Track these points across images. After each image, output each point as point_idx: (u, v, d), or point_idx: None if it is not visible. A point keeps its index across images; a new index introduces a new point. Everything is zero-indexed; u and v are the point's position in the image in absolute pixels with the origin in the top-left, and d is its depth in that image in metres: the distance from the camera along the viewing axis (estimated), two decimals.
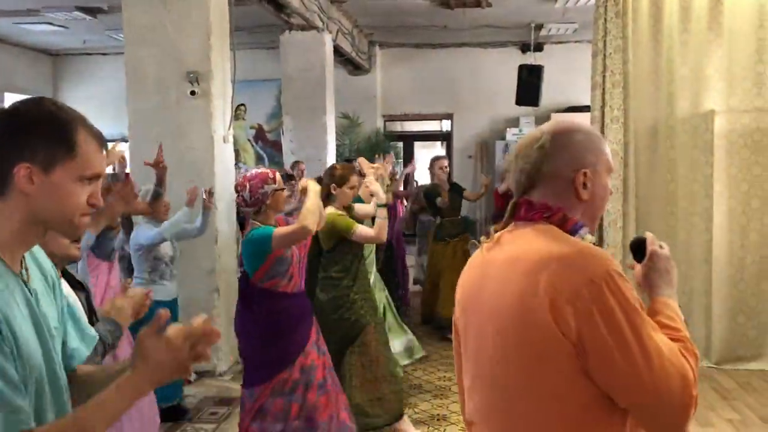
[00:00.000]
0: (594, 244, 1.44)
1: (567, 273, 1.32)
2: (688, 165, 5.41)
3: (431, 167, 7.04)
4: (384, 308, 5.14)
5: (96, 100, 10.79)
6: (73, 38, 10.60)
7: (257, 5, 6.95)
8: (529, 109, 10.68)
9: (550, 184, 1.48)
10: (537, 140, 1.49)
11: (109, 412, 1.25)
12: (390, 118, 12.64)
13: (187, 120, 5.23)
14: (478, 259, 1.56)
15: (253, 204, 3.33)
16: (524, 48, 11.45)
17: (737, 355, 5.41)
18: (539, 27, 10.32)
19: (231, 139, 5.55)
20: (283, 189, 3.41)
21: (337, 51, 9.25)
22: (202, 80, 5.18)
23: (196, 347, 1.27)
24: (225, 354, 5.26)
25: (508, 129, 11.72)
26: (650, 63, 5.37)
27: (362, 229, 4.00)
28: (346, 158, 9.71)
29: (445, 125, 13.30)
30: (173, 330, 1.27)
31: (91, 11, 8.73)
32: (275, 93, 10.56)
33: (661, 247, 1.57)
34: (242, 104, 11.42)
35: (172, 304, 4.40)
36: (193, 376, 5.13)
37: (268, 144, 11.70)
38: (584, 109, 5.73)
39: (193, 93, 5.16)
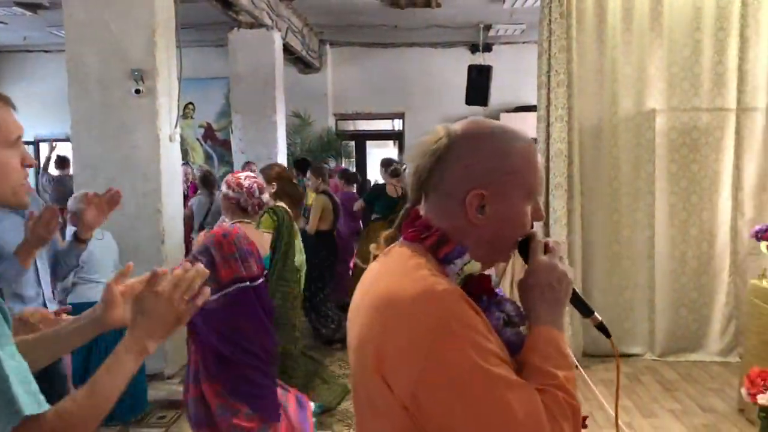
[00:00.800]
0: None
1: (400, 322, 1.08)
2: (631, 162, 5.55)
3: (386, 168, 7.11)
4: None
5: (38, 99, 10.47)
6: (12, 34, 10.26)
7: (205, 2, 6.85)
8: (479, 108, 10.79)
9: (438, 199, 1.20)
10: (433, 143, 1.20)
11: (120, 376, 1.26)
12: (342, 117, 12.61)
13: (131, 119, 5.12)
14: (366, 273, 1.28)
15: (244, 209, 3.38)
16: (474, 48, 11.57)
17: (679, 346, 5.58)
18: (488, 28, 10.45)
19: (178, 138, 5.45)
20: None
21: (287, 49, 9.18)
22: (147, 78, 5.07)
23: (185, 296, 1.30)
24: (173, 357, 5.17)
25: None
26: (594, 63, 5.48)
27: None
28: (297, 157, 9.67)
29: (397, 124, 13.35)
30: (164, 283, 1.29)
31: (32, 7, 8.47)
32: (224, 91, 10.43)
33: (548, 250, 1.24)
34: (190, 103, 11.25)
35: None
36: None
37: (217, 143, 11.55)
38: (532, 108, 5.82)
39: (137, 91, 5.05)
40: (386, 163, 7.37)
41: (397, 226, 1.27)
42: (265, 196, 3.43)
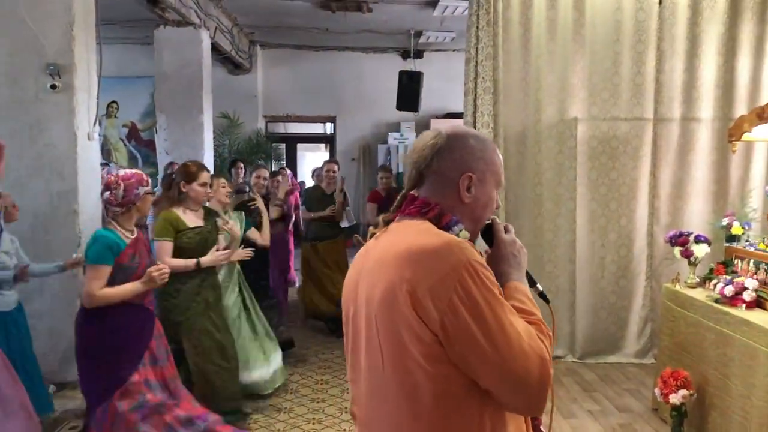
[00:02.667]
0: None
1: (429, 263, 1.36)
2: (553, 169, 5.68)
3: (320, 170, 7.06)
4: (244, 319, 4.95)
5: None
6: None
7: None
8: (410, 114, 10.88)
9: (436, 182, 1.53)
10: (433, 138, 1.55)
11: None
12: (272, 119, 12.47)
13: (46, 115, 4.89)
14: (362, 251, 1.60)
15: (124, 203, 3.26)
16: (405, 54, 11.65)
17: (598, 348, 5.74)
18: (419, 34, 10.54)
19: (96, 137, 5.25)
20: (153, 193, 3.37)
21: (216, 49, 9.01)
22: (64, 73, 4.86)
23: None
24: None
25: (389, 133, 11.88)
26: (519, 71, 5.59)
27: (162, 246, 3.97)
28: (234, 158, 9.49)
29: (329, 128, 13.30)
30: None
31: None
32: (150, 90, 10.13)
33: (506, 230, 1.63)
34: (114, 101, 10.89)
35: (14, 313, 4.13)
36: (51, 388, 4.81)
37: (141, 143, 11.21)
38: (462, 115, 5.90)
39: (53, 87, 4.84)
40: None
41: (396, 207, 1.59)
42: (142, 189, 3.30)
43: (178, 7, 7.20)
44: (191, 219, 4.12)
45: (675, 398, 3.86)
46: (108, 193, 3.27)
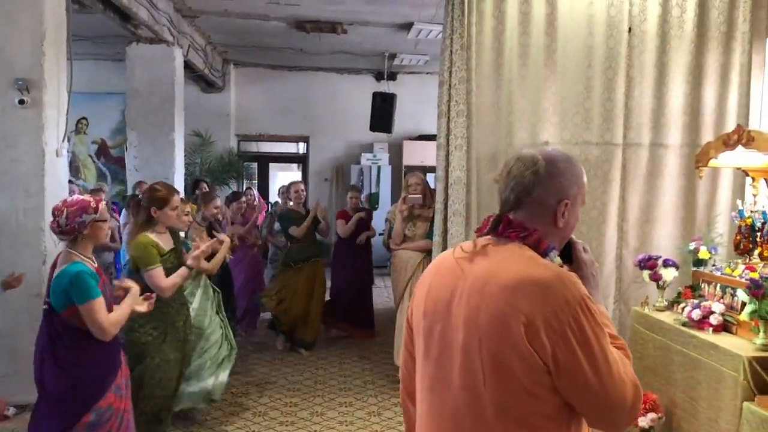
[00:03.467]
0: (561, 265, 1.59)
1: (545, 296, 1.44)
2: None
3: (287, 191, 7.01)
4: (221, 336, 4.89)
5: None
6: None
7: (102, 14, 6.58)
8: (383, 135, 10.93)
9: (535, 207, 1.60)
10: (533, 164, 1.60)
11: None
12: (244, 138, 12.42)
13: (14, 130, 4.81)
14: (449, 265, 1.65)
15: (67, 232, 3.05)
16: (379, 76, 11.74)
17: None
18: (393, 56, 10.62)
19: (65, 153, 5.17)
20: (104, 221, 3.15)
21: (189, 67, 8.97)
22: (33, 89, 4.80)
23: None
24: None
25: (362, 154, 11.92)
26: (492, 95, 5.64)
27: (156, 274, 3.86)
28: (196, 178, 9.42)
29: (302, 147, 13.29)
30: None
31: None
32: (121, 107, 10.05)
33: (585, 250, 1.70)
34: (84, 117, 10.77)
35: None
36: (12, 411, 4.68)
37: (111, 160, 11.07)
38: (434, 137, 5.93)
39: (22, 102, 4.77)
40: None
41: (492, 227, 1.63)
42: (87, 217, 3.07)
43: (151, 24, 7.17)
44: (165, 242, 4.05)
45: (644, 421, 3.88)
46: (52, 220, 3.09)
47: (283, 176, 15.63)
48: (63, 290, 2.97)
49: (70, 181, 7.49)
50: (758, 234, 3.79)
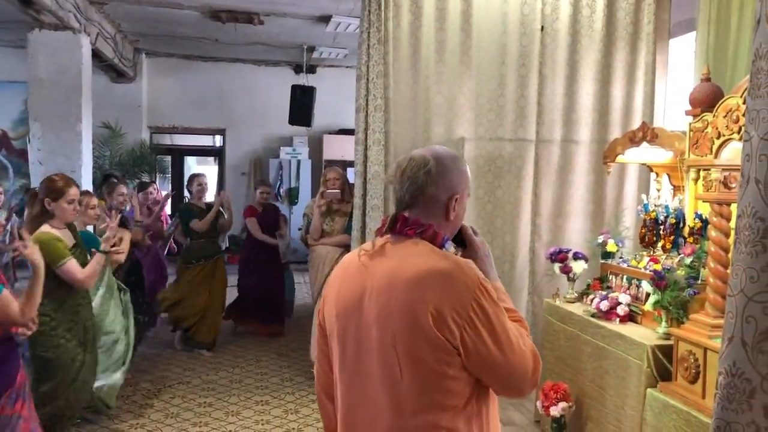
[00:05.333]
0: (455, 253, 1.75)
1: (447, 285, 1.57)
2: None
3: (189, 185, 6.78)
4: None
5: None
6: None
7: None
8: (303, 129, 10.81)
9: (428, 204, 1.72)
10: (425, 165, 1.71)
11: None
12: (157, 130, 12.02)
13: None
14: (355, 266, 1.75)
15: None
16: (297, 69, 11.59)
17: None
18: (312, 49, 10.50)
19: None
20: None
21: (97, 55, 8.58)
22: None
23: None
24: None
25: (281, 147, 11.76)
26: (409, 90, 5.65)
27: (71, 266, 3.68)
28: (106, 171, 9.04)
29: (218, 140, 12.98)
30: None
31: None
32: (23, 97, 9.50)
33: (475, 233, 1.85)
34: None
35: None
36: None
37: (13, 153, 10.48)
38: (354, 132, 5.89)
39: None
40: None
41: (390, 226, 1.73)
42: None
43: (55, 9, 6.81)
44: (65, 237, 3.84)
45: (555, 410, 3.99)
46: None
47: (199, 170, 15.24)
48: None
49: None
50: (661, 227, 3.95)
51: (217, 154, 13.17)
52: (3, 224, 2.94)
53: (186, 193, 7.44)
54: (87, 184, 7.51)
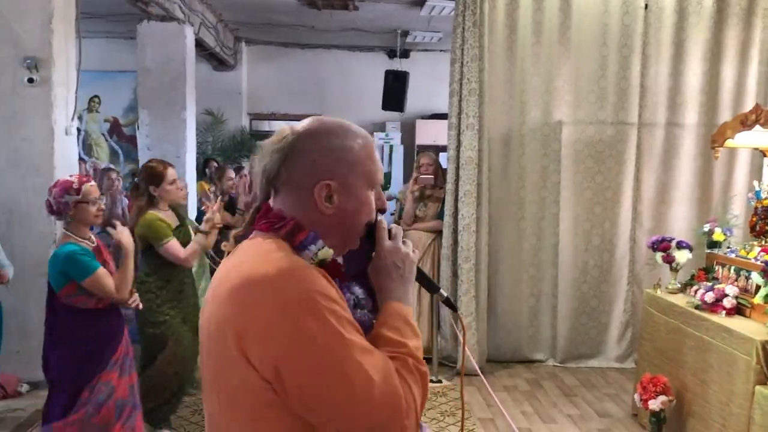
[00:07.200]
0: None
1: (260, 300, 1.16)
2: (538, 172, 5.66)
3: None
4: None
5: None
6: None
7: None
8: (395, 114, 10.83)
9: (290, 192, 1.30)
10: (280, 141, 1.30)
11: None
12: (256, 117, 12.36)
13: (23, 109, 4.80)
14: (216, 274, 1.37)
15: (56, 212, 3.13)
16: (391, 53, 11.59)
17: (579, 353, 5.73)
18: (405, 34, 10.48)
19: (74, 132, 5.16)
20: (87, 202, 3.12)
21: (200, 45, 8.91)
22: (42, 67, 4.77)
23: None
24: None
25: (375, 133, 11.83)
26: (505, 73, 5.56)
27: (173, 246, 3.82)
28: (208, 156, 9.40)
29: None
30: None
31: None
32: (133, 85, 10.01)
33: (391, 235, 1.37)
34: (96, 96, 10.75)
35: None
36: (25, 387, 4.73)
37: (123, 139, 11.07)
38: (447, 116, 5.85)
39: (31, 80, 4.75)
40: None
41: (249, 222, 1.35)
42: (69, 198, 3.08)
43: (162, 1, 7.11)
44: (170, 219, 4.02)
45: (654, 404, 3.85)
46: (46, 199, 3.14)
47: None
48: (58, 271, 3.04)
49: (83, 159, 7.52)
50: None
51: None
52: (103, 209, 3.15)
53: None
54: (191, 169, 7.85)
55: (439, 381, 5.25)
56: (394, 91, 10.16)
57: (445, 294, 1.50)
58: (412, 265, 1.37)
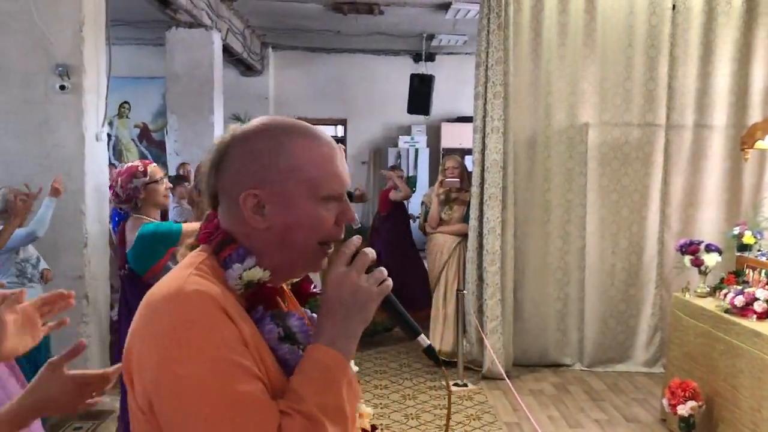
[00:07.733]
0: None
1: (145, 323, 1.04)
2: (563, 175, 5.62)
3: None
4: None
5: None
6: None
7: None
8: (421, 117, 10.86)
9: (224, 202, 1.15)
10: (216, 145, 1.16)
11: None
12: None
13: (55, 116, 4.90)
14: None
15: (126, 200, 3.24)
16: (416, 57, 11.62)
17: (607, 357, 5.67)
18: (431, 37, 10.50)
19: (105, 137, 5.25)
20: (156, 182, 3.25)
21: (228, 50, 9.02)
22: (73, 74, 4.86)
23: (88, 391, 1.31)
24: (94, 365, 4.95)
25: (400, 136, 11.87)
26: (530, 75, 5.54)
27: None
28: None
29: (340, 131, 13.30)
30: (74, 374, 1.28)
31: None
32: (162, 91, 10.16)
33: (354, 260, 1.11)
34: (126, 102, 10.94)
35: None
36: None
37: (153, 144, 11.24)
38: (472, 119, 5.85)
39: (62, 87, 4.85)
40: None
41: (199, 230, 1.19)
42: (138, 181, 3.22)
43: (190, 8, 7.21)
44: None
45: (683, 409, 3.80)
46: (112, 192, 3.28)
47: None
48: (148, 248, 3.08)
49: (113, 165, 7.64)
50: None
51: (339, 143, 13.49)
52: (170, 187, 3.41)
53: None
54: None
55: (465, 385, 5.24)
56: (420, 94, 10.19)
57: (428, 341, 1.21)
58: (367, 302, 1.10)
